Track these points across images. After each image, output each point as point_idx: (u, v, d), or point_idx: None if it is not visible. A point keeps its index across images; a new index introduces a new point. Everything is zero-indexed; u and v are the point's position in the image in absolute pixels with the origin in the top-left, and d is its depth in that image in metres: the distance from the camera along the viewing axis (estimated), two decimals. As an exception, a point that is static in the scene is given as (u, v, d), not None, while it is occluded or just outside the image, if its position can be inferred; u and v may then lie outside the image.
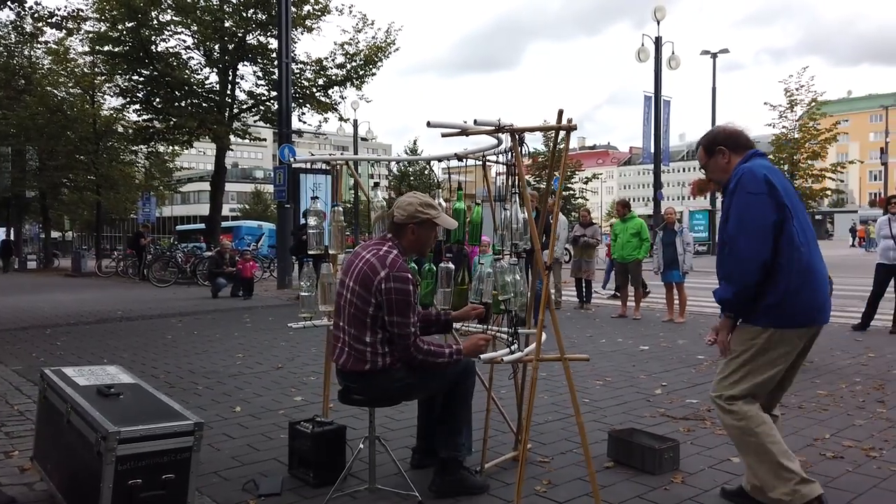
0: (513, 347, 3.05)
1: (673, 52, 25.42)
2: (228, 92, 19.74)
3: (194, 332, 9.49)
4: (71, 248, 39.07)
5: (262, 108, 20.23)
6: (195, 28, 18.54)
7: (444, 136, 3.05)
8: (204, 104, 19.40)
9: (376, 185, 3.92)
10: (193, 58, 19.50)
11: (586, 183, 32.44)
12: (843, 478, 3.56)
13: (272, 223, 40.04)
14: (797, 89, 23.66)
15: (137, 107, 20.28)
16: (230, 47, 19.30)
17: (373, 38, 19.34)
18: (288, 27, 15.45)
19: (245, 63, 19.62)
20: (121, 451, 2.62)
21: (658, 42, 24.57)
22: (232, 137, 20.00)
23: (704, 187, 29.37)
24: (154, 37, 18.22)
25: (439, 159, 3.83)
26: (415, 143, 41.98)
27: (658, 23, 24.97)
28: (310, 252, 3.87)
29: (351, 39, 19.29)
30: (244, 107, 20.45)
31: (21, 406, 5.17)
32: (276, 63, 19.37)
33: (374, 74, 19.80)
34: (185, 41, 19.31)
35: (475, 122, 2.89)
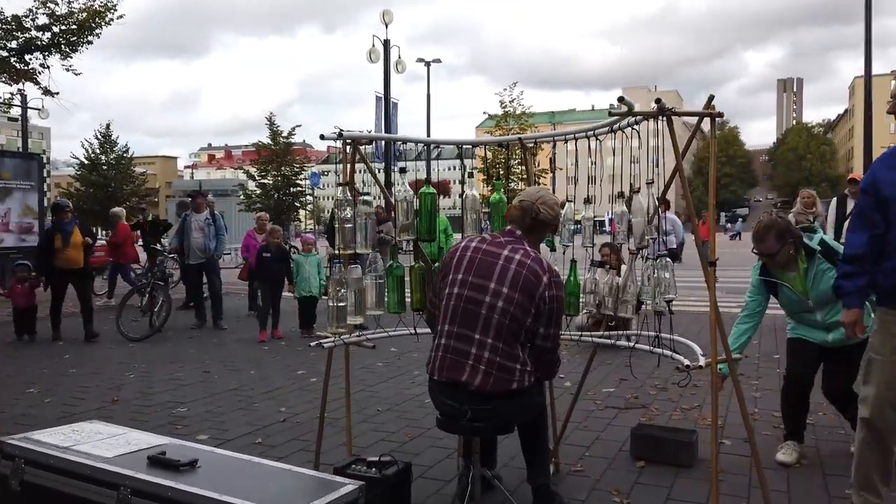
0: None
1: (399, 57, 26.36)
2: None
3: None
4: None
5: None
6: None
7: (611, 114, 2.70)
8: None
9: (403, 170, 3.30)
10: None
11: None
12: None
13: None
14: (511, 101, 26.54)
15: None
16: None
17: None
18: (-11, -29, 12.30)
19: None
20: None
21: (387, 45, 25.24)
22: None
23: (420, 187, 30.95)
24: None
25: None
26: (108, 126, 36.72)
27: (387, 26, 25.69)
28: (341, 252, 3.12)
29: (58, -3, 16.04)
30: None
31: None
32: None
33: (89, 42, 16.77)
34: None
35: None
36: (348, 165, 3.27)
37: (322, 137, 3.15)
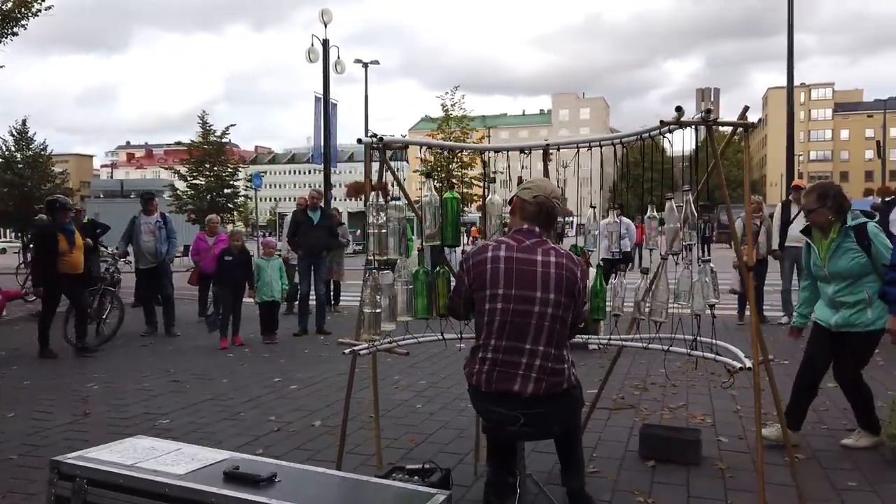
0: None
1: (339, 57, 26.08)
2: None
3: None
4: None
5: None
6: None
7: (663, 123, 2.76)
8: None
9: (429, 175, 3.27)
10: None
11: (250, 180, 30.98)
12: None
13: None
14: (452, 105, 26.73)
15: None
16: None
17: (13, -12, 15.41)
18: None
19: None
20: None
21: (326, 45, 24.93)
22: None
23: (360, 189, 30.82)
24: None
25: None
26: (24, 122, 34.58)
27: (325, 26, 25.38)
28: (374, 258, 3.06)
29: (-20, -15, 15.06)
30: None
31: None
32: None
33: (15, 34, 15.81)
34: None
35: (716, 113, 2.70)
36: (374, 167, 3.22)
37: (359, 141, 3.08)
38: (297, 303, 10.00)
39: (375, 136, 3.07)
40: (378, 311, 3.06)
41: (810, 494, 3.40)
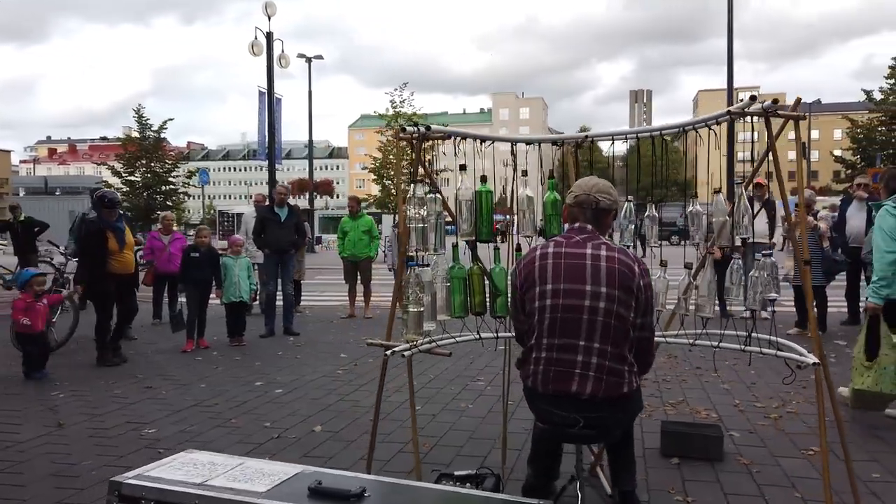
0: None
1: (283, 51, 25.47)
2: None
3: None
4: None
5: None
6: None
7: (730, 112, 2.69)
8: None
9: (463, 167, 3.11)
10: None
11: (190, 177, 29.76)
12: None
13: None
14: (401, 102, 26.50)
15: None
16: None
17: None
18: None
19: None
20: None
21: (270, 38, 24.31)
22: None
23: (304, 187, 30.28)
24: None
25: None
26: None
27: (269, 18, 24.75)
28: (414, 253, 2.89)
29: None
30: None
31: None
32: None
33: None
34: None
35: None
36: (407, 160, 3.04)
37: (403, 131, 2.91)
38: (256, 303, 9.65)
39: (417, 125, 2.90)
40: (422, 309, 2.89)
41: (842, 487, 3.43)
